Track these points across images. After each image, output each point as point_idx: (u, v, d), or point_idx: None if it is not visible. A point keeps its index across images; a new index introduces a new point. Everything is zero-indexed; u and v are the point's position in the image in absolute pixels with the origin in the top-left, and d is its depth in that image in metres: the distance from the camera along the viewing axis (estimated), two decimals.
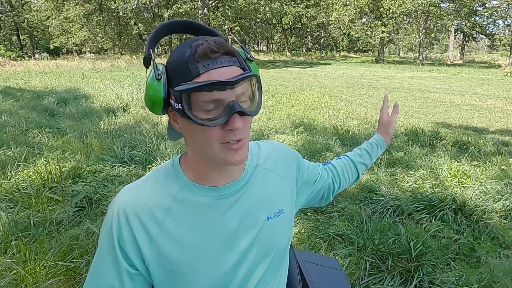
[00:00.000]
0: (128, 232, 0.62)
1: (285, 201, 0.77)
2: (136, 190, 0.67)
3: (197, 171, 0.67)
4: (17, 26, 35.52)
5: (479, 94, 10.67)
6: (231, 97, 0.57)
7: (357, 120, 5.96)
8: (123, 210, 0.63)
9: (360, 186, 3.12)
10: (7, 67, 17.30)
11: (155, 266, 0.63)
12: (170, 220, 0.64)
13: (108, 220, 0.64)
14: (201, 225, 0.65)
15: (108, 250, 0.63)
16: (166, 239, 0.63)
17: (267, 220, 0.72)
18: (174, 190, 0.66)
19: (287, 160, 0.82)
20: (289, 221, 0.78)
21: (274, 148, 0.82)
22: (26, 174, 3.03)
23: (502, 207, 2.64)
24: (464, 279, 1.84)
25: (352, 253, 2.08)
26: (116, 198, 0.67)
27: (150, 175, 0.70)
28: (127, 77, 12.58)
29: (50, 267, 1.83)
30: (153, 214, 0.64)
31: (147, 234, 0.63)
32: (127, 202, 0.64)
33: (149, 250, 0.62)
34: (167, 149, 3.91)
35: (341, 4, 31.29)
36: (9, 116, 5.60)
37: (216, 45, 0.56)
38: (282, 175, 0.79)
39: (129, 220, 0.63)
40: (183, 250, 0.64)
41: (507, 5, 30.42)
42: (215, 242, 0.66)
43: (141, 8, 27.65)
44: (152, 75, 0.61)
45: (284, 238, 0.76)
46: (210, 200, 0.67)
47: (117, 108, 6.55)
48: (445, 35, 40.38)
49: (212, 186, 0.67)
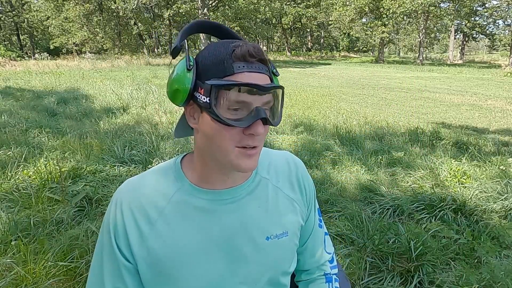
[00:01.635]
0: (121, 226, 0.64)
1: (290, 224, 0.73)
2: (136, 185, 0.68)
3: (200, 172, 0.67)
4: (17, 26, 35.53)
5: (479, 94, 10.67)
6: (258, 103, 0.57)
7: (357, 120, 5.95)
8: (120, 203, 0.65)
9: (360, 186, 3.12)
10: (7, 67, 17.29)
11: (143, 264, 0.64)
12: (163, 222, 0.64)
13: (108, 210, 0.67)
14: (194, 230, 0.64)
15: (107, 240, 0.65)
16: (156, 240, 0.63)
17: (266, 240, 0.69)
18: (171, 192, 0.66)
19: (301, 182, 0.77)
20: (291, 246, 0.74)
21: (286, 166, 0.77)
22: (26, 174, 3.03)
23: (502, 207, 2.64)
24: (464, 279, 1.84)
25: (352, 253, 2.08)
26: (118, 189, 0.68)
27: (152, 171, 0.70)
28: (127, 77, 12.58)
29: (50, 267, 1.83)
30: (147, 212, 0.64)
31: (138, 232, 0.63)
32: (125, 196, 0.66)
33: (138, 248, 0.63)
34: (167, 149, 3.91)
35: (341, 4, 31.29)
36: (9, 116, 5.59)
37: (254, 50, 0.57)
38: (292, 196, 0.75)
39: (124, 214, 0.64)
40: (173, 254, 0.63)
41: (507, 5, 30.41)
42: (207, 249, 0.65)
43: (141, 8, 27.66)
44: (181, 65, 0.60)
45: (284, 262, 0.73)
46: (207, 204, 0.65)
47: (117, 108, 6.55)
48: (445, 35, 40.38)
49: (211, 189, 0.66)
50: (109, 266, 0.65)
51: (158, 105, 6.92)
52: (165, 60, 24.09)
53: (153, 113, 6.19)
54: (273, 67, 0.64)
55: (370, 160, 3.76)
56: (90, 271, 0.69)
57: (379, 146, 4.37)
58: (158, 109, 6.59)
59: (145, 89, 9.03)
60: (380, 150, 4.14)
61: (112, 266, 0.65)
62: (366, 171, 3.47)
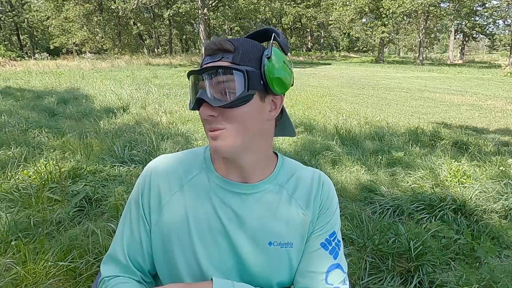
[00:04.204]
0: (147, 190, 0.71)
1: (296, 237, 0.71)
2: (167, 159, 0.75)
3: (220, 160, 0.71)
4: (17, 26, 35.51)
5: (479, 94, 10.67)
6: (201, 87, 0.62)
7: (357, 120, 5.95)
8: (150, 171, 0.73)
9: (360, 186, 3.12)
10: (7, 67, 17.29)
11: (155, 230, 0.70)
12: (180, 196, 0.70)
13: (141, 176, 0.75)
14: (202, 213, 0.68)
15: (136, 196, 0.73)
16: (169, 210, 0.69)
17: (268, 245, 0.68)
18: (195, 172, 0.72)
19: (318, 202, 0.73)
20: (294, 258, 0.71)
21: (310, 182, 0.74)
22: (26, 174, 3.03)
23: (502, 207, 2.64)
24: (464, 279, 1.83)
25: (352, 253, 2.08)
26: (152, 161, 0.76)
27: (184, 152, 0.78)
28: (127, 77, 12.59)
29: (50, 267, 1.83)
30: (170, 184, 0.71)
31: (159, 199, 0.70)
32: (155, 166, 0.74)
33: (156, 213, 0.70)
34: (167, 149, 3.91)
35: (341, 4, 31.26)
36: (9, 116, 5.59)
37: (215, 41, 0.63)
38: (303, 212, 0.72)
39: (151, 181, 0.72)
40: (177, 228, 0.68)
41: (507, 5, 30.40)
42: (210, 234, 0.68)
43: (141, 8, 27.65)
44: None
45: (281, 273, 0.71)
46: (221, 192, 0.69)
47: (117, 108, 6.55)
48: (445, 35, 40.39)
49: (229, 179, 0.70)
50: (131, 226, 0.73)
51: (158, 105, 6.92)
52: (165, 60, 24.08)
53: (153, 113, 6.19)
54: (269, 51, 0.61)
55: (370, 160, 3.76)
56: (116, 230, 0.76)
57: (379, 146, 4.37)
58: (158, 109, 6.59)
59: (145, 89, 9.03)
60: (380, 150, 4.14)
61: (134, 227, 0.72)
62: (366, 171, 3.47)
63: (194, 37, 39.24)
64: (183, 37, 41.09)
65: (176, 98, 8.19)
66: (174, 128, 5.10)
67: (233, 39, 0.64)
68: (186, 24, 35.25)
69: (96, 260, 1.88)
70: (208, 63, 0.62)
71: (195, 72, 0.63)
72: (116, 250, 0.72)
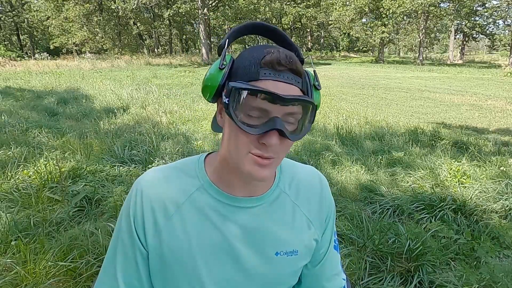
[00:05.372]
0: (140, 213, 0.65)
1: (301, 244, 0.71)
2: (158, 176, 0.68)
3: (220, 173, 0.67)
4: (17, 26, 35.49)
5: (479, 94, 10.67)
6: (278, 113, 0.55)
7: (357, 120, 5.95)
8: (140, 192, 0.66)
9: (360, 186, 3.12)
10: (7, 67, 17.29)
11: (154, 255, 0.65)
12: (179, 218, 0.65)
13: (128, 196, 0.69)
14: (206, 231, 0.65)
15: (126, 224, 0.67)
16: (169, 234, 0.65)
17: (275, 255, 0.68)
18: (192, 189, 0.67)
19: (322, 203, 0.75)
20: (299, 266, 0.72)
21: (310, 184, 0.75)
22: (26, 174, 3.03)
23: (502, 207, 2.64)
24: (464, 279, 1.84)
25: (352, 253, 2.08)
26: (140, 177, 0.69)
27: (176, 166, 0.71)
28: (127, 77, 12.59)
29: (50, 267, 1.83)
30: (165, 206, 0.65)
31: (154, 222, 0.65)
32: (146, 186, 0.67)
33: (152, 238, 0.65)
34: (167, 149, 3.91)
35: (341, 4, 31.25)
36: (9, 116, 5.59)
37: (286, 59, 0.55)
38: (309, 216, 0.73)
39: (143, 203, 0.65)
40: (182, 250, 0.64)
41: (507, 5, 30.40)
42: (216, 252, 0.65)
43: (141, 8, 27.64)
44: (216, 63, 0.61)
45: (287, 280, 0.71)
46: (224, 208, 0.66)
47: (117, 108, 6.55)
48: (445, 35, 40.39)
49: (230, 193, 0.66)
50: (124, 250, 0.67)
51: (158, 105, 6.92)
52: (165, 60, 24.08)
53: (153, 113, 6.19)
54: (316, 80, 0.62)
55: (370, 160, 3.76)
56: (106, 256, 0.70)
57: (379, 146, 4.37)
58: (158, 109, 6.59)
59: (145, 89, 9.04)
60: (380, 150, 4.14)
61: (128, 251, 0.66)
62: (366, 171, 3.47)
63: (194, 37, 39.22)
64: (183, 37, 41.08)
65: (176, 98, 8.19)
66: (174, 128, 5.11)
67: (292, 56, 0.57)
68: (186, 24, 35.25)
69: (96, 260, 1.88)
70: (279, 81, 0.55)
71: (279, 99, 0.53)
72: (110, 278, 0.67)
